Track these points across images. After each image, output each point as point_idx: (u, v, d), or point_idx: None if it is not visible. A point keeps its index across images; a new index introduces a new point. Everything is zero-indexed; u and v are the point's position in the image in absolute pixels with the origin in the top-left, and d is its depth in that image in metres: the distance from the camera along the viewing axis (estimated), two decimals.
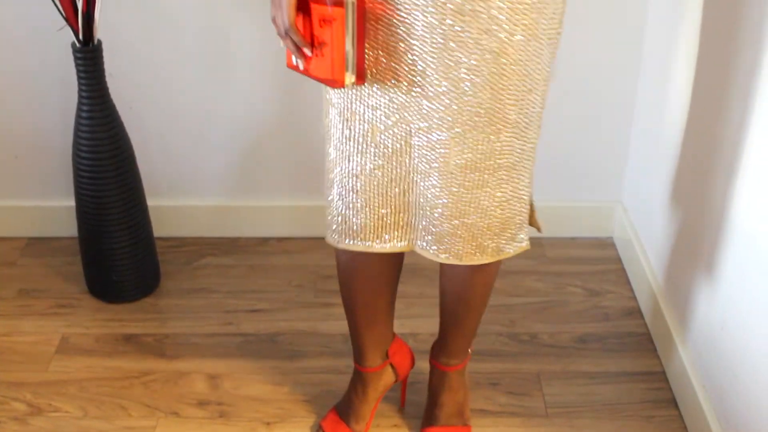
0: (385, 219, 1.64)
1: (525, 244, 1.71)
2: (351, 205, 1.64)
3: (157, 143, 2.48)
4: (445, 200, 1.58)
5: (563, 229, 2.57)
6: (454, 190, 1.57)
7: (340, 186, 1.63)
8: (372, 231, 1.66)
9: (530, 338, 2.23)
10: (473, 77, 1.46)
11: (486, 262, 1.68)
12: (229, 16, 2.33)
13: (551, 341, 2.22)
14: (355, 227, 1.66)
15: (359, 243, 1.67)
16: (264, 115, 2.45)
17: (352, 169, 1.60)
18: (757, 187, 1.64)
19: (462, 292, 1.80)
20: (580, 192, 2.52)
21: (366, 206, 1.63)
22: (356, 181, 1.61)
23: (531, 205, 1.72)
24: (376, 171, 1.59)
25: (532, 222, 1.74)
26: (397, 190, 1.61)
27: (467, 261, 1.67)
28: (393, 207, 1.63)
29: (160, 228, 2.49)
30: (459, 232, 1.62)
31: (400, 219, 1.65)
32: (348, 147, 1.59)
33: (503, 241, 1.67)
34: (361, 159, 1.59)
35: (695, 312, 1.95)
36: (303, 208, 2.57)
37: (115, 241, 2.26)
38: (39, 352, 2.19)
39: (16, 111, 2.45)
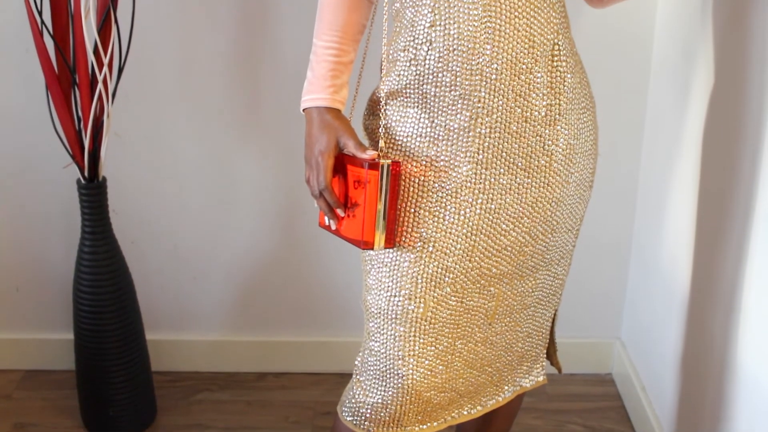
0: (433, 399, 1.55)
1: (542, 378, 1.70)
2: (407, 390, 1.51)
3: (157, 278, 2.50)
4: (483, 353, 1.57)
5: (562, 365, 2.55)
6: (491, 339, 1.56)
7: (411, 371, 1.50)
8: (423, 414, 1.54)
9: None
10: (531, 230, 1.48)
11: (505, 401, 1.66)
12: (231, 155, 2.39)
13: None
14: (403, 414, 1.52)
15: (398, 430, 1.54)
16: (263, 251, 2.48)
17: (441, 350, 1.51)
18: (758, 322, 1.64)
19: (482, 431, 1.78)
20: (578, 328, 2.52)
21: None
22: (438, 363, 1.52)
23: (554, 343, 1.72)
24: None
25: (553, 361, 1.73)
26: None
27: (490, 407, 1.64)
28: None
29: (157, 362, 2.49)
30: (485, 378, 1.60)
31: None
32: (433, 327, 1.49)
33: (520, 375, 1.66)
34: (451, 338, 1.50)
35: None
36: (300, 343, 2.57)
37: (113, 376, 2.25)
38: None
39: (19, 244, 2.48)
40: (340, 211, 1.45)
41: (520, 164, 1.42)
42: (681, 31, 2.07)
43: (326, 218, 1.48)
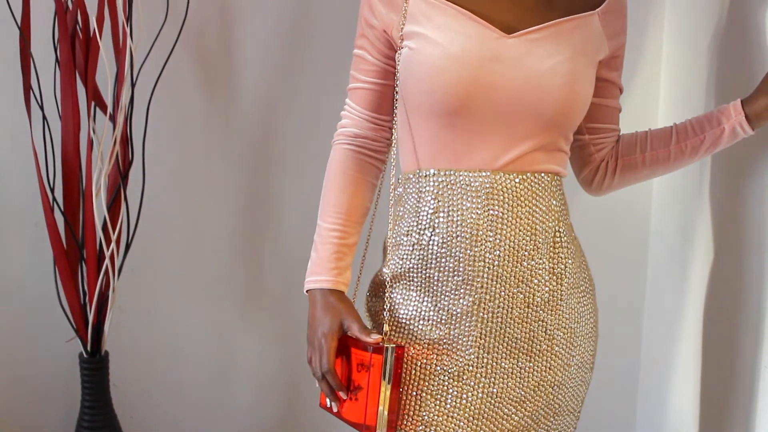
0: None
1: None
2: None
3: None
4: None
5: None
6: None
7: None
8: None
9: None
10: (534, 414, 1.46)
11: None
12: (233, 332, 2.40)
13: None
14: None
15: None
16: (262, 428, 2.45)
17: None
18: None
19: None
20: None
21: None
22: None
23: None
24: None
25: None
26: None
27: None
28: None
29: None
30: None
31: None
32: None
33: None
34: None
35: None
36: None
37: None
38: None
39: (17, 416, 2.45)
40: (342, 394, 1.43)
41: (522, 348, 1.43)
42: (677, 207, 2.11)
43: (328, 400, 1.47)
